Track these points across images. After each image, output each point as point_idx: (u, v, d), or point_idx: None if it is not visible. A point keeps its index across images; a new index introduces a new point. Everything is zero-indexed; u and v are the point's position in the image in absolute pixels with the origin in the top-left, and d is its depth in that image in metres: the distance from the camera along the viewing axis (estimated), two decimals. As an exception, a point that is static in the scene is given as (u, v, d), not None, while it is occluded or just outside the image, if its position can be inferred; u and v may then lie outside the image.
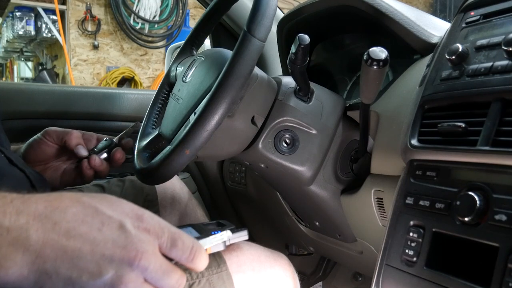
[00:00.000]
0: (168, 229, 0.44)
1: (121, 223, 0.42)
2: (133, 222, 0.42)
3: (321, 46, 1.10)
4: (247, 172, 1.23)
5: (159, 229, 0.43)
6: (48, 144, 0.83)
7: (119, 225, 0.41)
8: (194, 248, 0.45)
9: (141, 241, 0.42)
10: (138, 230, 0.42)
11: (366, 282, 1.28)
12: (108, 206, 0.42)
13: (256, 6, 0.66)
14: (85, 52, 4.23)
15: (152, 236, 0.43)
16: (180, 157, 0.65)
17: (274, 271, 0.74)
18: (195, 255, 0.45)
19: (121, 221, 0.42)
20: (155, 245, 0.43)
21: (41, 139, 0.84)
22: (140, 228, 0.42)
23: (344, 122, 0.86)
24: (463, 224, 0.53)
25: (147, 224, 0.43)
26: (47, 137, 0.84)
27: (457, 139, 0.57)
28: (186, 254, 0.45)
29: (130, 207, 0.44)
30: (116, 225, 0.41)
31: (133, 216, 0.43)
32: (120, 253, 0.40)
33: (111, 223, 0.41)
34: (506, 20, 0.61)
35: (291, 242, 1.30)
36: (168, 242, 0.44)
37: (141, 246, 0.41)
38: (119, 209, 0.43)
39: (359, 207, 0.83)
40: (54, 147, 0.84)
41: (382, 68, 0.62)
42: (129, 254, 0.41)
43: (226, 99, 0.64)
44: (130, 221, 0.42)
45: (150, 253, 0.42)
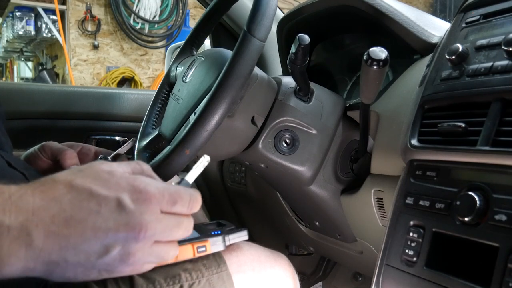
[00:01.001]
0: (167, 192, 0.44)
1: (119, 200, 0.41)
2: (131, 195, 0.42)
3: (321, 46, 1.10)
4: (247, 172, 1.23)
5: (160, 194, 0.44)
6: (43, 160, 0.82)
7: (116, 203, 0.41)
8: (192, 199, 0.47)
9: (143, 214, 0.42)
10: (137, 203, 0.42)
11: (366, 282, 1.28)
12: (102, 185, 0.42)
13: (256, 6, 0.66)
14: (85, 52, 4.23)
15: (153, 204, 0.43)
16: (180, 157, 0.65)
17: (274, 271, 0.74)
18: (193, 206, 0.47)
19: (118, 198, 0.41)
20: (157, 211, 0.43)
21: (37, 153, 0.83)
22: (140, 199, 0.42)
23: (344, 122, 0.86)
24: (463, 224, 0.53)
25: (146, 194, 0.43)
26: (43, 153, 0.83)
27: (457, 139, 0.57)
28: (185, 207, 0.46)
29: (125, 180, 0.43)
30: (114, 203, 0.41)
31: (130, 190, 0.42)
32: (123, 230, 0.41)
33: (108, 203, 0.41)
34: (506, 20, 0.61)
35: (291, 242, 1.30)
36: (169, 204, 0.44)
37: (144, 218, 0.41)
38: (114, 186, 0.42)
39: (359, 207, 0.83)
40: (49, 163, 0.82)
41: (382, 68, 0.62)
42: (133, 230, 0.41)
43: (226, 99, 0.64)
44: (128, 196, 0.42)
45: (154, 221, 0.42)
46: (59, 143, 0.85)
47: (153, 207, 0.43)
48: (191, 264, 0.67)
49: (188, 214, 0.47)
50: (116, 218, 0.41)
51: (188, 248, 0.66)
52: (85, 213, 0.40)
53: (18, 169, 0.68)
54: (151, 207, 0.43)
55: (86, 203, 0.41)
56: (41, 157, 0.82)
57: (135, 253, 0.42)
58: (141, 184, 0.43)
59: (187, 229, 0.46)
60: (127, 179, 0.43)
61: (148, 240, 0.42)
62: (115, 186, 0.42)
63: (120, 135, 1.46)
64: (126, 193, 0.42)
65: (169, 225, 0.44)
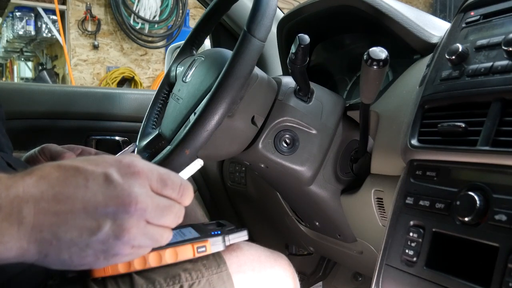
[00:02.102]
0: (157, 170, 0.44)
1: (106, 174, 0.41)
2: (119, 170, 0.42)
3: (321, 46, 1.10)
4: (247, 172, 1.23)
5: (149, 170, 0.43)
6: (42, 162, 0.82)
7: (104, 177, 0.41)
8: (183, 185, 0.46)
9: (132, 186, 0.42)
10: (126, 177, 0.42)
11: (366, 282, 1.28)
12: (89, 163, 0.42)
13: (256, 6, 0.66)
14: (85, 52, 4.23)
15: (143, 178, 0.43)
16: (180, 157, 0.65)
17: (274, 271, 0.74)
18: (183, 192, 0.46)
19: (106, 172, 0.41)
20: (147, 187, 0.43)
21: (36, 155, 0.83)
22: (129, 173, 0.42)
23: (344, 122, 0.86)
24: (463, 224, 0.53)
25: (135, 168, 0.43)
26: (42, 155, 0.82)
27: (457, 139, 0.57)
28: (176, 191, 0.45)
29: (114, 158, 0.43)
30: (102, 178, 0.41)
31: (118, 165, 0.42)
32: (113, 203, 0.41)
33: (95, 178, 0.41)
34: (506, 20, 0.61)
35: (291, 242, 1.30)
36: (159, 183, 0.44)
37: (133, 191, 0.41)
38: (101, 163, 0.42)
39: (359, 207, 0.83)
40: None
41: (382, 68, 0.62)
42: (123, 202, 0.41)
43: (226, 99, 0.64)
44: (116, 170, 0.42)
45: (144, 195, 0.42)
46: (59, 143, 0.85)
47: (142, 181, 0.43)
48: (191, 264, 0.67)
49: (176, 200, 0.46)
50: (104, 192, 0.41)
51: (188, 248, 0.66)
52: (72, 188, 0.41)
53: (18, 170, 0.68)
54: (139, 181, 0.42)
55: (73, 178, 0.41)
56: (41, 160, 0.82)
57: (129, 229, 0.41)
58: (128, 159, 0.43)
59: (178, 215, 0.45)
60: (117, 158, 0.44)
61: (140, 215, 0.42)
62: (102, 162, 0.42)
63: (120, 135, 1.46)
64: (114, 167, 0.42)
65: (160, 204, 0.43)
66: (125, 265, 0.64)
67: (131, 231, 0.41)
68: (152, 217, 0.43)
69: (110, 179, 0.41)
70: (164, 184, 0.44)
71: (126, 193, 0.41)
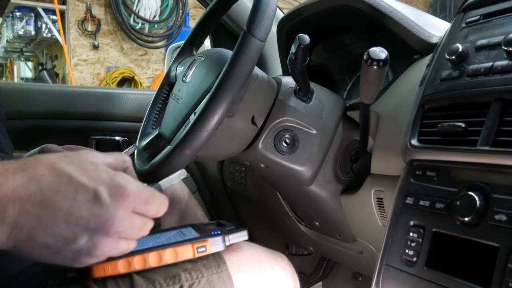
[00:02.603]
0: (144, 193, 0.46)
1: (96, 192, 0.42)
2: (109, 189, 0.43)
3: (321, 46, 1.10)
4: (247, 172, 1.23)
5: (136, 193, 0.45)
6: None
7: (93, 193, 0.42)
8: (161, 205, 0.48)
9: (117, 209, 0.43)
10: (114, 198, 0.43)
11: (366, 282, 1.28)
12: (83, 173, 0.42)
13: (256, 6, 0.66)
14: (85, 52, 4.23)
15: (129, 202, 0.44)
16: (180, 157, 0.65)
17: (274, 271, 0.74)
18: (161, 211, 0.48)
19: (96, 189, 0.42)
20: (130, 209, 0.44)
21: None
22: (117, 195, 0.43)
23: (344, 122, 0.86)
24: (463, 224, 0.53)
25: (124, 191, 0.43)
26: None
27: (457, 139, 0.57)
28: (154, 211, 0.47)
29: (106, 173, 0.44)
30: (91, 193, 0.42)
31: (110, 183, 0.43)
32: (95, 221, 0.42)
33: (85, 192, 0.42)
34: (506, 20, 0.61)
35: (291, 242, 1.30)
36: (142, 205, 0.45)
37: (117, 214, 0.42)
38: (95, 176, 0.43)
39: (359, 207, 0.83)
40: None
41: (382, 68, 0.62)
42: (105, 223, 0.42)
43: (226, 99, 0.64)
44: (106, 189, 0.42)
45: (125, 218, 0.43)
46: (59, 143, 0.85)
47: (128, 204, 0.44)
48: (191, 264, 0.67)
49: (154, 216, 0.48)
50: (90, 208, 0.41)
51: (188, 248, 0.66)
52: (61, 197, 0.41)
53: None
54: (125, 204, 0.43)
55: (64, 187, 0.41)
56: None
57: (102, 247, 0.43)
58: (121, 180, 0.44)
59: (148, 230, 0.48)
60: (109, 173, 0.44)
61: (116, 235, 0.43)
62: (96, 176, 0.43)
63: (120, 135, 1.46)
64: (105, 186, 0.43)
65: (135, 224, 0.45)
66: (125, 265, 0.64)
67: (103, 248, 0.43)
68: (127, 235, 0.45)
69: (99, 197, 0.42)
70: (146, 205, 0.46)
71: (109, 215, 0.42)
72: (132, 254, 0.64)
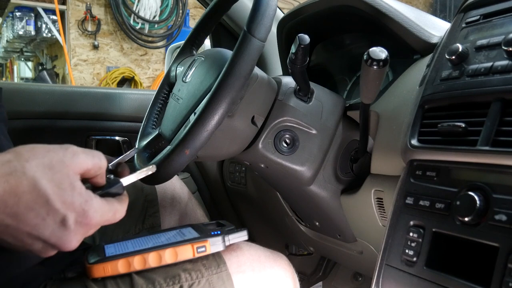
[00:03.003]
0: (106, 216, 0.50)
1: (64, 218, 0.46)
2: (76, 217, 0.47)
3: (321, 46, 1.10)
4: (247, 172, 1.23)
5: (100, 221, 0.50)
6: None
7: (62, 218, 0.46)
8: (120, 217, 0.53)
9: (77, 235, 0.48)
10: (79, 226, 0.48)
11: (366, 282, 1.28)
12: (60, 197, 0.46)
13: (256, 6, 0.66)
14: (85, 52, 4.23)
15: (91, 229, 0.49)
16: (180, 157, 0.65)
17: (274, 271, 0.74)
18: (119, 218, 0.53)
19: (65, 216, 0.46)
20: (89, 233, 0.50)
21: None
22: (82, 223, 0.48)
23: (344, 122, 0.86)
24: (463, 224, 0.53)
25: (89, 220, 0.48)
26: None
27: (457, 139, 0.57)
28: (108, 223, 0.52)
29: (79, 200, 0.47)
30: (59, 218, 0.46)
31: (79, 212, 0.47)
32: (54, 241, 0.47)
33: (56, 216, 0.46)
34: (506, 20, 0.61)
35: (291, 242, 1.30)
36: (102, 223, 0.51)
37: (76, 239, 0.48)
38: (69, 202, 0.47)
39: (359, 207, 0.83)
40: None
41: (382, 68, 0.62)
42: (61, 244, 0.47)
43: (226, 99, 0.64)
44: (74, 217, 0.47)
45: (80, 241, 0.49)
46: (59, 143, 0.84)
47: (88, 231, 0.49)
48: (191, 264, 0.67)
49: None
50: (54, 230, 0.46)
51: (188, 248, 0.66)
52: (33, 215, 0.45)
53: None
54: (86, 231, 0.49)
55: (39, 207, 0.45)
56: None
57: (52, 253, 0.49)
58: (90, 209, 0.48)
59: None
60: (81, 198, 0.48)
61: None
62: (69, 202, 0.47)
63: (120, 135, 1.46)
64: (74, 213, 0.47)
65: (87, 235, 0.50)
66: (125, 265, 0.64)
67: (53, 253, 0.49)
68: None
69: (65, 223, 0.47)
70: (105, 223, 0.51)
71: (69, 239, 0.48)
72: (132, 254, 0.64)
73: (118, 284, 0.64)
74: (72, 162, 0.48)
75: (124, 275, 0.64)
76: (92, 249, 0.69)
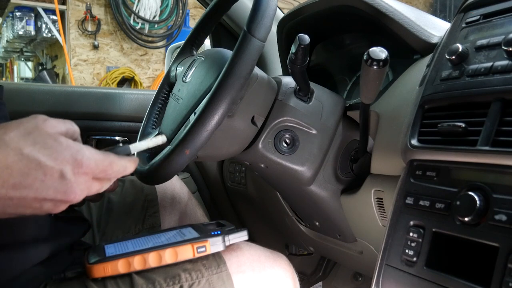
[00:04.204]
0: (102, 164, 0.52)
1: (62, 172, 0.48)
2: (72, 168, 0.49)
3: (321, 46, 1.10)
4: (247, 172, 1.23)
5: (96, 168, 0.51)
6: None
7: (59, 174, 0.48)
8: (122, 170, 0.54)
9: (80, 184, 0.49)
10: (77, 175, 0.49)
11: (366, 282, 1.28)
12: (49, 156, 0.48)
13: (256, 6, 0.66)
14: (85, 52, 4.23)
15: (89, 176, 0.51)
16: (180, 157, 0.65)
17: (274, 272, 0.74)
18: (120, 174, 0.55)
19: (62, 170, 0.48)
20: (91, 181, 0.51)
21: None
22: (80, 173, 0.49)
23: (344, 122, 0.86)
24: (463, 224, 0.53)
25: (85, 168, 0.50)
26: None
27: (457, 139, 0.57)
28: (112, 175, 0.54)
29: (69, 152, 0.49)
30: (57, 174, 0.48)
31: (73, 163, 0.49)
32: (60, 197, 0.49)
33: (52, 174, 0.47)
34: (506, 20, 0.61)
35: (291, 242, 1.30)
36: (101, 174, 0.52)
37: (79, 188, 0.49)
38: (60, 157, 0.48)
39: (359, 207, 0.83)
40: None
41: (382, 68, 0.62)
42: (68, 196, 0.49)
43: (226, 99, 0.64)
44: (70, 168, 0.49)
45: (86, 189, 0.51)
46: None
47: (88, 178, 0.51)
48: (191, 264, 0.67)
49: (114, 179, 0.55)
50: (56, 187, 0.48)
51: (188, 248, 0.66)
52: (31, 180, 0.47)
53: None
54: (86, 178, 0.50)
55: (34, 171, 0.47)
56: None
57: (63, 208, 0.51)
58: (82, 158, 0.50)
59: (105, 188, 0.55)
60: (71, 151, 0.49)
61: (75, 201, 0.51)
62: (60, 157, 0.48)
63: (120, 135, 1.46)
64: (69, 165, 0.48)
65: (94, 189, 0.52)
66: (125, 265, 0.64)
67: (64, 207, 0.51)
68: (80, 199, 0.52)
69: (64, 177, 0.48)
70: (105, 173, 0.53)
71: (73, 190, 0.49)
72: (132, 254, 0.64)
73: (118, 284, 0.64)
74: (46, 125, 0.49)
75: (124, 275, 0.64)
76: (92, 249, 0.69)
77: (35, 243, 0.64)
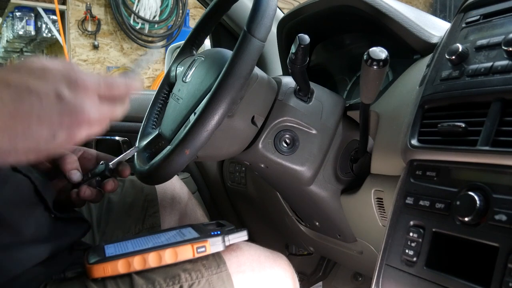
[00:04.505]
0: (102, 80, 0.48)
1: (57, 92, 0.44)
2: (68, 86, 0.44)
3: (321, 46, 1.10)
4: (247, 172, 1.23)
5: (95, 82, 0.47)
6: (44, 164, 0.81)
7: (55, 94, 0.44)
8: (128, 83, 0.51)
9: (83, 102, 0.45)
10: (76, 92, 0.45)
11: (366, 282, 1.28)
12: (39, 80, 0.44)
13: (256, 6, 0.66)
14: (85, 52, 4.23)
15: (90, 91, 0.46)
16: (180, 157, 0.65)
17: (274, 272, 0.74)
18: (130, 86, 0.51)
19: (56, 90, 0.44)
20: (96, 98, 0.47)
21: None
22: (78, 89, 0.45)
23: (344, 122, 0.86)
24: (463, 224, 0.53)
25: (82, 82, 0.46)
26: None
27: (457, 139, 0.57)
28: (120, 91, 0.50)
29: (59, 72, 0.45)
30: (53, 95, 0.44)
31: (66, 81, 0.45)
32: (68, 118, 0.44)
33: (48, 96, 0.43)
34: (506, 20, 0.61)
35: (291, 242, 1.30)
36: (105, 90, 0.48)
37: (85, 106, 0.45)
38: (50, 79, 0.44)
39: (359, 207, 0.83)
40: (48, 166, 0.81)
41: (382, 68, 0.62)
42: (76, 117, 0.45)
43: (226, 99, 0.64)
44: (65, 86, 0.44)
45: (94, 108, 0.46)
46: None
47: (90, 92, 0.46)
48: (190, 264, 0.67)
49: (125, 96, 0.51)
50: (59, 110, 0.44)
51: (188, 248, 0.66)
52: (27, 106, 0.43)
53: (22, 172, 0.68)
54: (88, 94, 0.46)
55: (27, 97, 0.43)
56: (42, 161, 0.81)
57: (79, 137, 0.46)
58: (75, 74, 0.46)
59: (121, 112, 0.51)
60: (61, 72, 0.45)
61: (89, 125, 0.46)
62: (51, 79, 0.44)
63: (120, 135, 1.46)
64: (63, 83, 0.44)
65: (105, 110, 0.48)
66: (125, 265, 0.64)
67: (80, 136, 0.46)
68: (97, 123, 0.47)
69: (62, 96, 0.44)
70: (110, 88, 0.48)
71: (79, 109, 0.45)
72: (132, 254, 0.64)
73: (118, 284, 0.64)
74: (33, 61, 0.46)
75: (124, 275, 0.64)
76: (92, 249, 0.69)
77: (35, 243, 0.64)
